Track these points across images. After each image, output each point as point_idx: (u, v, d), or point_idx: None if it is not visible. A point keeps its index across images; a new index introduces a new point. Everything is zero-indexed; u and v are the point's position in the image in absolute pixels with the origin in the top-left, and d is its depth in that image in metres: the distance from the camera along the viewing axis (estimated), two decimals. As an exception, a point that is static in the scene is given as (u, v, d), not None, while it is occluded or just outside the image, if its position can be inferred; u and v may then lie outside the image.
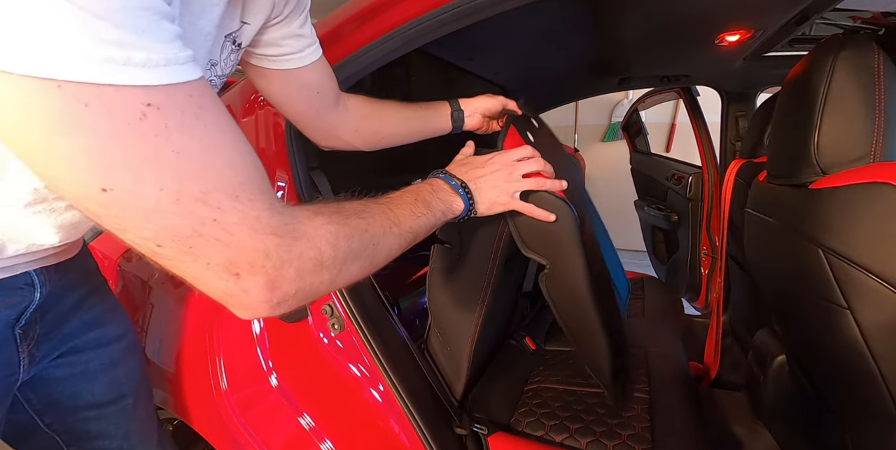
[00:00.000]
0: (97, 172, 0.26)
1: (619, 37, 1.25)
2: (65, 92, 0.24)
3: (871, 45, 0.64)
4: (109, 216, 0.28)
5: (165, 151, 0.27)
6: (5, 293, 0.49)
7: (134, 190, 0.27)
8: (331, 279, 0.38)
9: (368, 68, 0.74)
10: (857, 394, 0.67)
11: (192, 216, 0.29)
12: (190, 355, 0.77)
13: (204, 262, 0.30)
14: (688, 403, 0.90)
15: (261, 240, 0.32)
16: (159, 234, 0.29)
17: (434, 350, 0.88)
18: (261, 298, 0.33)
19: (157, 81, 0.26)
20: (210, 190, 0.29)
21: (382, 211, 0.46)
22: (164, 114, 0.27)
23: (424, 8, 0.65)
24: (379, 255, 0.43)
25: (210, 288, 0.32)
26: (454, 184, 0.57)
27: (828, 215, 0.62)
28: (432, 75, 1.52)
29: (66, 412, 0.61)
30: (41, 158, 0.26)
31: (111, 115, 0.25)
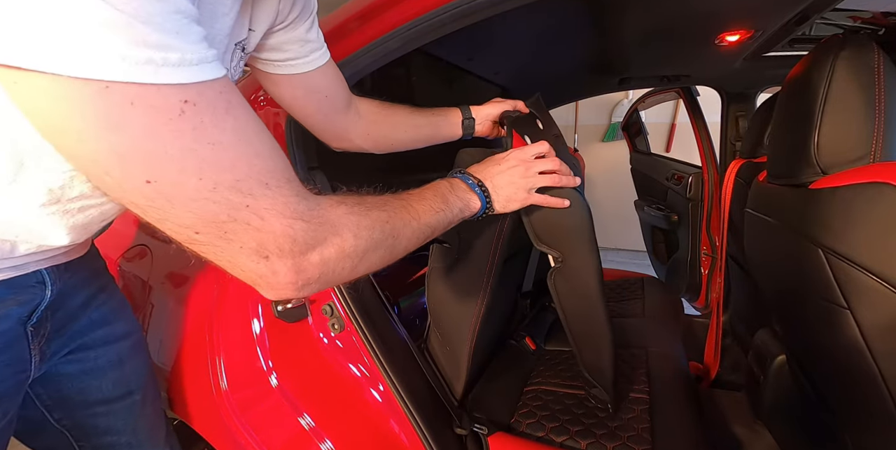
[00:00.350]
0: (142, 166, 0.28)
1: (619, 37, 1.25)
2: (112, 92, 0.26)
3: (871, 45, 0.64)
4: (153, 208, 0.30)
5: (202, 144, 0.29)
6: (17, 291, 0.50)
7: (175, 180, 0.29)
8: (352, 266, 0.40)
9: (368, 68, 0.74)
10: (857, 394, 0.67)
11: (228, 203, 0.31)
12: (190, 354, 0.77)
13: (237, 246, 0.33)
14: (688, 403, 0.90)
15: (289, 224, 0.34)
16: (198, 221, 0.31)
17: (434, 350, 0.88)
18: (287, 280, 0.36)
19: (191, 79, 0.28)
20: (243, 178, 0.32)
21: (403, 205, 0.48)
22: (200, 110, 0.29)
23: (424, 8, 0.65)
24: (398, 246, 0.45)
25: (243, 270, 0.35)
26: (471, 183, 0.59)
27: (828, 215, 0.62)
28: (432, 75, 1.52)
29: (75, 408, 0.62)
30: (90, 155, 0.28)
31: (154, 112, 0.27)
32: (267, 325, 0.74)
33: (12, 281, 0.49)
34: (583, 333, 0.77)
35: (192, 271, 0.81)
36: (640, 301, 1.44)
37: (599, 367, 0.79)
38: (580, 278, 0.71)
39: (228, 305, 0.75)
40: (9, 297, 0.49)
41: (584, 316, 0.74)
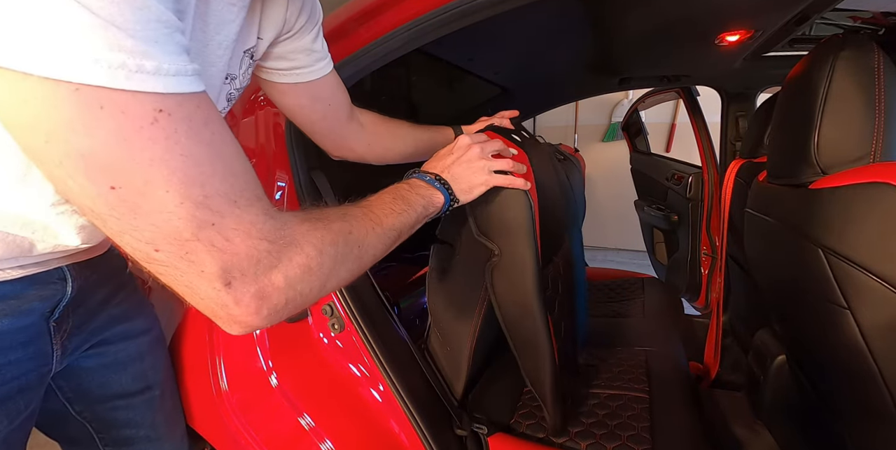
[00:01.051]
0: (108, 171, 0.27)
1: (619, 37, 1.25)
2: (81, 94, 0.25)
3: (871, 45, 0.64)
4: (113, 217, 0.29)
5: (174, 155, 0.28)
6: (40, 287, 0.51)
7: (141, 190, 0.28)
8: (320, 285, 0.39)
9: (368, 68, 0.74)
10: (857, 394, 0.67)
11: (193, 220, 0.30)
12: (190, 355, 0.77)
13: (198, 269, 0.31)
14: (688, 403, 0.90)
15: (254, 245, 0.33)
16: (159, 237, 0.29)
17: (434, 350, 0.88)
18: (251, 310, 0.34)
19: (167, 89, 0.28)
20: (212, 194, 0.30)
21: (363, 213, 0.47)
22: (175, 120, 0.28)
23: (424, 8, 0.65)
24: (365, 256, 0.44)
25: (202, 298, 0.33)
26: (428, 179, 0.58)
27: (828, 215, 0.62)
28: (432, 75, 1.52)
29: (95, 401, 0.64)
30: (56, 157, 0.27)
31: (125, 117, 0.27)
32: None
33: (35, 277, 0.50)
34: (521, 336, 0.75)
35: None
36: (640, 301, 1.45)
37: (539, 377, 0.76)
38: (517, 274, 0.70)
39: (228, 306, 0.75)
40: (31, 292, 0.50)
41: (519, 315, 0.73)
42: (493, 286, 0.73)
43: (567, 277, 0.89)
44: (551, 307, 0.78)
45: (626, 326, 1.27)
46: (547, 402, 0.77)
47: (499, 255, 0.71)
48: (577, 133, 3.85)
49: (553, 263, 0.82)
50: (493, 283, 0.73)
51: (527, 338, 0.74)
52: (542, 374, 0.75)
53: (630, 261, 3.56)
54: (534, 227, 0.68)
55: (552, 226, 0.79)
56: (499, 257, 0.71)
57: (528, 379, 0.78)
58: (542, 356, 0.74)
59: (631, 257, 3.67)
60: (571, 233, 1.00)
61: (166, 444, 0.71)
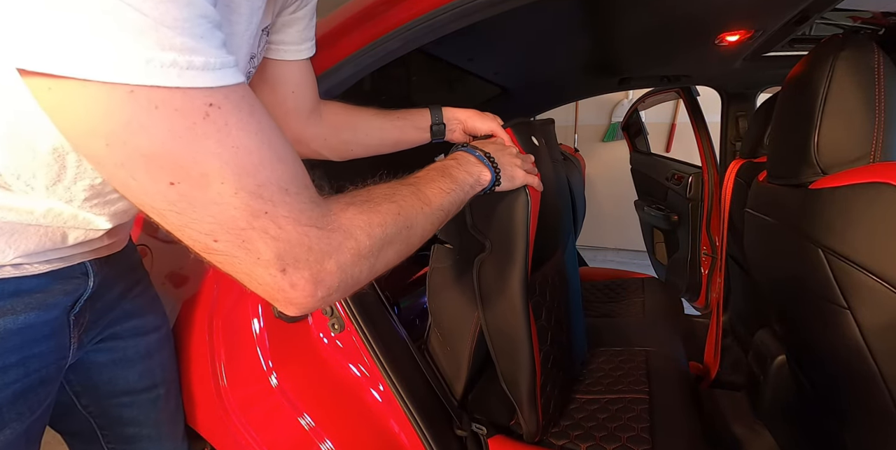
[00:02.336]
0: (167, 168, 0.28)
1: (619, 37, 1.25)
2: (136, 96, 0.26)
3: (871, 45, 0.64)
4: (174, 212, 0.30)
5: (226, 147, 0.29)
6: (64, 282, 0.52)
7: (199, 183, 0.29)
8: (370, 267, 0.40)
9: (368, 68, 0.74)
10: (856, 393, 0.67)
11: (248, 209, 0.31)
12: (190, 354, 0.77)
13: (254, 256, 0.32)
14: (688, 403, 0.90)
15: (304, 232, 0.34)
16: (217, 228, 0.31)
17: (434, 350, 0.88)
18: (306, 293, 0.35)
19: (216, 83, 0.29)
20: (264, 183, 0.31)
21: (412, 192, 0.46)
22: (224, 113, 0.29)
23: (424, 8, 0.65)
24: (414, 236, 0.44)
25: (260, 284, 0.34)
26: (478, 155, 0.58)
27: (828, 215, 0.62)
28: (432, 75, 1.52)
29: (101, 396, 0.65)
30: (117, 159, 0.28)
31: (179, 115, 0.28)
32: (267, 325, 0.74)
33: (59, 272, 0.51)
34: (500, 334, 0.75)
35: (192, 271, 0.81)
36: (640, 301, 1.44)
37: (515, 378, 0.75)
38: (504, 270, 0.70)
39: (228, 306, 0.75)
40: (56, 286, 0.51)
41: (503, 313, 0.73)
42: (479, 280, 0.73)
43: (558, 289, 0.89)
44: (538, 313, 0.78)
45: (626, 326, 1.27)
46: (522, 406, 0.77)
47: (490, 249, 0.71)
48: (577, 133, 3.85)
49: (542, 271, 0.82)
50: (479, 277, 0.73)
51: (506, 337, 0.74)
52: (518, 376, 0.75)
53: (630, 261, 3.56)
54: (528, 225, 0.68)
55: (546, 233, 0.79)
56: (489, 252, 0.71)
57: (503, 381, 0.78)
58: (520, 358, 0.73)
59: (631, 257, 3.67)
60: (566, 245, 1.00)
61: (168, 443, 0.71)
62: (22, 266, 0.48)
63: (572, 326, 0.98)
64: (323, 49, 0.74)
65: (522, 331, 0.72)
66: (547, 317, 0.82)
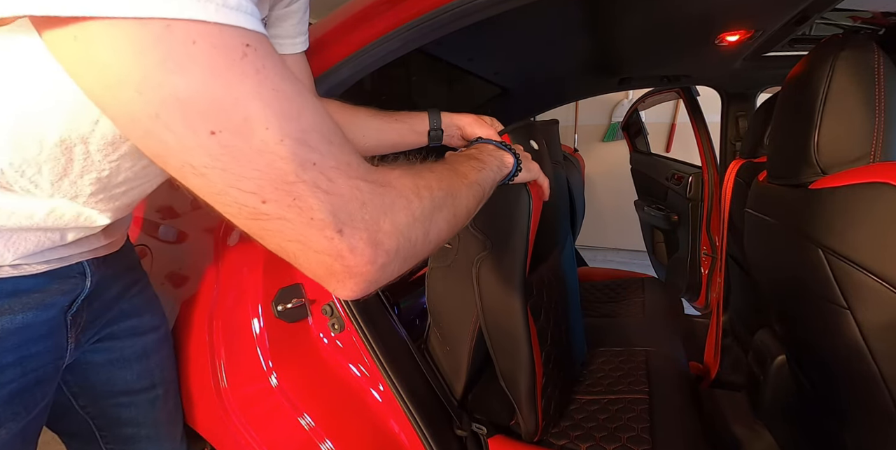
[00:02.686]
0: (207, 113, 0.26)
1: (619, 37, 1.25)
2: (173, 31, 0.24)
3: (871, 45, 0.64)
4: (217, 169, 0.28)
5: (266, 89, 0.28)
6: (62, 281, 0.52)
7: (241, 129, 0.27)
8: (424, 233, 0.37)
9: (368, 68, 0.74)
10: (856, 394, 0.67)
11: (296, 159, 0.28)
12: (190, 355, 0.77)
13: (307, 216, 0.30)
14: (688, 403, 0.90)
15: (355, 186, 0.32)
16: (265, 183, 0.28)
17: (434, 350, 0.88)
18: (367, 258, 0.32)
19: (250, 25, 0.27)
20: (308, 130, 0.29)
21: (446, 167, 0.46)
22: (261, 55, 0.28)
23: (424, 8, 0.65)
24: (459, 206, 0.43)
25: (317, 251, 0.31)
26: (496, 143, 0.58)
27: (828, 215, 0.62)
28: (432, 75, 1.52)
29: (99, 397, 0.64)
30: (151, 108, 0.26)
31: (217, 52, 0.26)
32: (267, 325, 0.74)
33: (57, 271, 0.51)
34: (500, 333, 0.75)
35: (192, 271, 0.81)
36: (640, 301, 1.44)
37: (514, 377, 0.76)
38: (504, 269, 0.71)
39: (228, 306, 0.75)
40: (54, 286, 0.51)
41: (502, 312, 0.73)
42: (478, 279, 0.73)
43: (556, 290, 0.89)
44: (537, 314, 0.78)
45: (626, 326, 1.27)
46: (521, 406, 0.77)
47: (489, 248, 0.71)
48: (577, 133, 3.85)
49: (539, 272, 0.82)
50: (479, 276, 0.73)
51: (506, 336, 0.74)
52: (518, 376, 0.75)
53: (630, 261, 3.56)
54: (528, 225, 0.68)
55: (543, 234, 0.79)
56: (489, 251, 0.71)
57: (503, 380, 0.78)
58: (519, 357, 0.74)
59: (631, 257, 3.67)
60: (563, 246, 1.00)
61: (167, 444, 0.71)
62: (20, 266, 0.47)
63: (571, 326, 0.98)
64: (323, 49, 0.74)
65: (521, 331, 0.72)
66: (545, 317, 0.82)
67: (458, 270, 0.81)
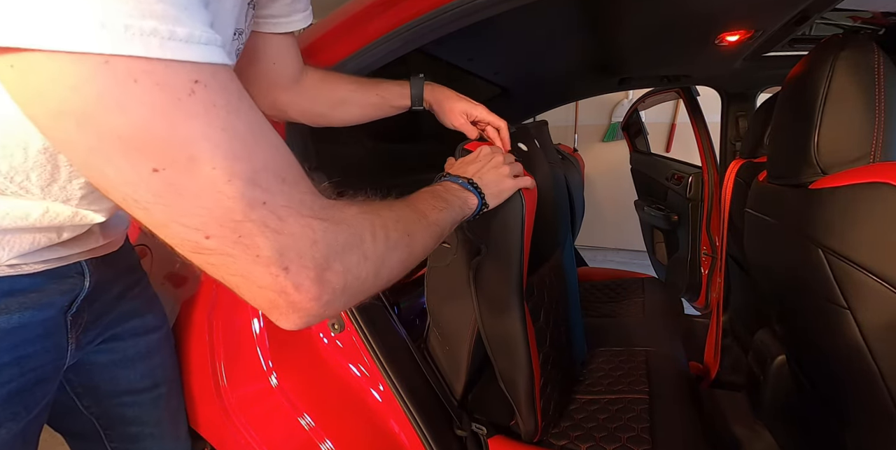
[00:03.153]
0: (149, 151, 0.25)
1: (619, 37, 1.25)
2: (112, 67, 0.23)
3: (871, 45, 0.64)
4: (159, 204, 0.27)
5: (215, 129, 0.26)
6: (60, 281, 0.52)
7: (186, 168, 0.26)
8: (375, 272, 0.37)
9: (368, 68, 0.74)
10: (857, 394, 0.67)
11: (243, 199, 0.28)
12: (190, 354, 0.77)
13: (253, 254, 0.29)
14: (688, 403, 0.90)
15: (307, 224, 0.31)
16: (210, 220, 0.27)
17: (434, 350, 0.88)
18: (311, 294, 0.32)
19: (201, 59, 0.26)
20: (259, 170, 0.29)
21: (407, 205, 0.46)
22: (211, 92, 0.26)
23: (424, 8, 0.65)
24: (415, 245, 0.43)
25: (260, 287, 0.31)
26: (461, 182, 0.58)
27: (828, 215, 0.62)
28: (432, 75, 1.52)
29: (103, 397, 0.64)
30: (91, 142, 0.25)
31: (160, 90, 0.24)
32: (267, 325, 0.74)
33: (55, 271, 0.51)
34: (498, 334, 0.75)
35: (191, 271, 0.81)
36: (640, 301, 1.44)
37: (513, 378, 0.76)
38: (500, 272, 0.71)
39: (228, 305, 0.75)
40: (52, 286, 0.51)
41: (500, 313, 0.73)
42: (475, 282, 0.73)
43: (556, 290, 0.89)
44: (536, 315, 0.78)
45: (626, 327, 1.27)
46: (520, 407, 0.77)
47: (485, 252, 0.71)
48: (577, 133, 3.85)
49: (539, 272, 0.82)
50: (476, 279, 0.73)
51: (504, 339, 0.74)
52: (516, 377, 0.75)
53: (630, 261, 3.56)
54: (523, 229, 0.68)
55: (543, 235, 0.79)
56: (485, 255, 0.71)
57: (502, 381, 0.78)
58: (517, 359, 0.74)
59: (631, 257, 3.66)
60: (564, 246, 1.00)
61: (170, 443, 0.71)
62: (17, 266, 0.47)
63: (571, 326, 0.98)
64: (323, 49, 0.74)
65: (519, 333, 0.72)
66: (545, 318, 0.82)
67: (457, 271, 0.81)
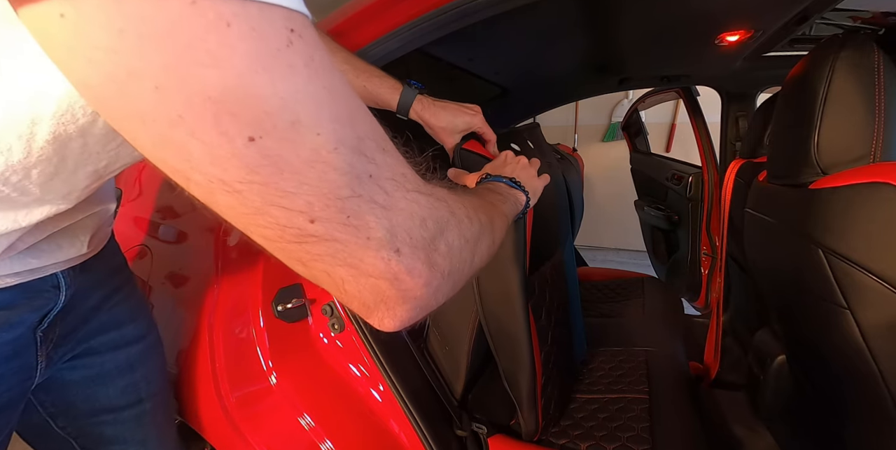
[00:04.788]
0: (246, 115, 0.20)
1: (619, 37, 1.25)
2: (200, 7, 0.18)
3: (871, 45, 0.64)
4: (255, 184, 0.22)
5: (317, 86, 0.22)
6: (32, 296, 0.47)
7: (289, 135, 0.21)
8: (471, 256, 0.34)
9: (368, 68, 0.74)
10: (856, 393, 0.67)
11: (351, 170, 0.24)
12: (190, 355, 0.77)
13: (364, 236, 0.25)
14: (688, 403, 0.90)
15: (414, 199, 0.27)
16: (315, 199, 0.23)
17: (433, 350, 0.88)
18: (423, 280, 0.28)
19: (294, 4, 0.21)
20: (363, 137, 0.24)
21: (477, 195, 0.44)
22: (308, 45, 0.22)
23: (424, 8, 0.65)
24: (497, 233, 0.40)
25: (371, 275, 0.26)
26: (506, 181, 0.57)
27: (828, 215, 0.62)
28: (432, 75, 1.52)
29: (80, 416, 0.59)
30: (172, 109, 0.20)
31: (259, 38, 0.20)
32: (267, 325, 0.74)
33: (28, 285, 0.46)
34: (501, 333, 0.74)
35: (192, 271, 0.81)
36: (640, 301, 1.44)
37: (515, 376, 0.75)
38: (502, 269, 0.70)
39: (228, 306, 0.75)
40: (24, 302, 0.46)
41: (502, 313, 0.73)
42: (477, 282, 0.73)
43: (557, 289, 0.89)
44: (538, 314, 0.78)
45: (626, 327, 1.27)
46: (522, 405, 0.77)
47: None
48: (577, 133, 3.85)
49: (541, 272, 0.82)
50: (478, 278, 0.73)
51: (507, 337, 0.74)
52: (519, 375, 0.75)
53: (630, 261, 3.56)
54: (524, 226, 0.68)
55: (544, 234, 0.79)
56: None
57: (505, 380, 0.78)
58: (520, 358, 0.73)
59: (631, 257, 3.67)
60: (564, 247, 1.00)
61: None
62: None
63: (572, 326, 0.98)
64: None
65: (522, 332, 0.72)
66: (547, 317, 0.82)
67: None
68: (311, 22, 0.23)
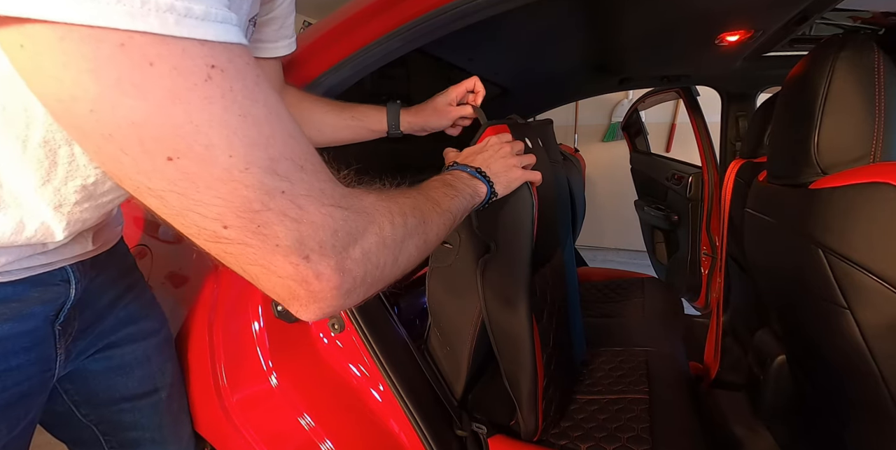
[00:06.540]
0: (163, 138, 0.24)
1: (619, 37, 1.25)
2: (128, 50, 0.23)
3: (871, 45, 0.64)
4: (174, 193, 0.26)
5: (232, 115, 0.26)
6: (42, 289, 0.49)
7: (202, 157, 0.25)
8: (394, 260, 0.37)
9: (368, 68, 0.74)
10: (856, 394, 0.67)
11: (262, 187, 0.27)
12: (190, 355, 0.77)
13: (272, 243, 0.28)
14: (688, 403, 0.90)
15: (328, 213, 0.30)
16: (227, 210, 0.27)
17: (434, 350, 0.88)
18: (333, 284, 0.31)
19: (217, 37, 0.25)
20: (277, 158, 0.28)
21: (420, 192, 0.46)
22: (228, 77, 0.26)
23: (424, 8, 0.65)
24: (430, 233, 0.43)
25: (280, 277, 0.30)
26: (469, 170, 0.58)
27: (828, 215, 0.62)
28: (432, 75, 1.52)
29: (101, 404, 0.63)
30: (104, 128, 0.24)
31: (178, 74, 0.24)
32: (267, 325, 0.74)
33: (38, 278, 0.48)
34: (504, 333, 0.75)
35: (192, 271, 0.81)
36: (640, 301, 1.44)
37: (517, 377, 0.76)
38: (510, 269, 0.70)
39: (228, 306, 0.75)
40: (33, 294, 0.48)
41: (506, 312, 0.73)
42: (483, 280, 0.73)
43: (557, 290, 0.89)
44: (539, 315, 0.78)
45: (626, 327, 1.27)
46: (522, 406, 0.77)
47: (496, 249, 0.71)
48: (577, 133, 3.85)
49: (541, 272, 0.82)
50: (484, 277, 0.73)
51: (510, 338, 0.74)
52: (521, 377, 0.75)
53: (630, 261, 3.56)
54: (533, 224, 0.68)
55: (545, 234, 0.79)
56: (495, 252, 0.71)
57: (506, 380, 0.78)
58: (521, 359, 0.73)
59: (631, 257, 3.67)
60: (564, 248, 1.00)
61: (171, 447, 0.70)
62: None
63: (571, 326, 0.98)
64: (323, 49, 0.74)
65: (525, 333, 0.72)
66: (548, 319, 0.82)
67: (459, 271, 0.81)
68: (245, 51, 0.27)
